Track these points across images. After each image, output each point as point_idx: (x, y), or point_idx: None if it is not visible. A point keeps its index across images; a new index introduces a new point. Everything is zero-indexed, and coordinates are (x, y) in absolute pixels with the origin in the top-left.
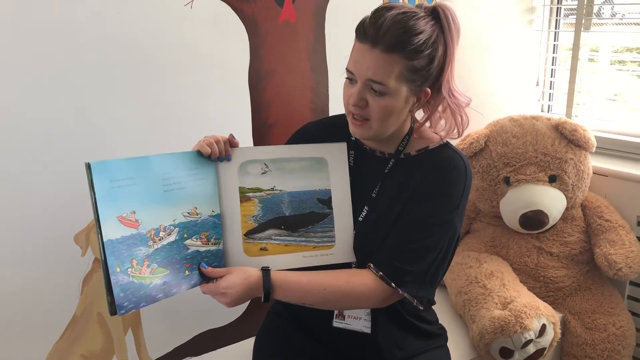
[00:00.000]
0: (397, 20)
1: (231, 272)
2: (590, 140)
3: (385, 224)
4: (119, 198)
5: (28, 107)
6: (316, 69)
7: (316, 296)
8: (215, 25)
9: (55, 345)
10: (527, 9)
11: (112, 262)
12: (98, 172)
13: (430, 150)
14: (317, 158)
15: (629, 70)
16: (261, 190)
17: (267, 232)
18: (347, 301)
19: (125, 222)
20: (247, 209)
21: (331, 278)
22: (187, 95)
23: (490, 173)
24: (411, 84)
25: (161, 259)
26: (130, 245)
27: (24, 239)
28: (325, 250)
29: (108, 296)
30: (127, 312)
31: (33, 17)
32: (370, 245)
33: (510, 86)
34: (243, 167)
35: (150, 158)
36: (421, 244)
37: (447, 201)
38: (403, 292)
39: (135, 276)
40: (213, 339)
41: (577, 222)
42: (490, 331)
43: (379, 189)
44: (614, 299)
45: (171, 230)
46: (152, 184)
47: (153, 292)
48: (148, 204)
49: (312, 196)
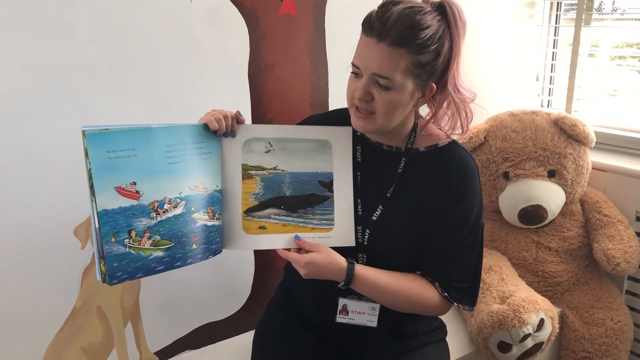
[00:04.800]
0: (403, 15)
1: (319, 250)
2: (589, 135)
3: (401, 224)
4: (117, 169)
5: (27, 99)
6: (316, 62)
7: (388, 298)
8: (215, 19)
9: (54, 338)
10: (527, 4)
11: (106, 231)
12: (93, 142)
13: (440, 148)
14: (322, 140)
15: (629, 65)
16: (264, 168)
17: (267, 210)
18: (413, 309)
19: (124, 193)
20: (249, 187)
21: (405, 286)
22: (186, 88)
23: (489, 168)
24: (417, 79)
25: (165, 231)
26: (129, 216)
27: (24, 232)
28: (323, 233)
29: (101, 265)
30: (121, 282)
31: (31, 10)
32: (385, 245)
33: (510, 81)
34: (247, 145)
35: (153, 129)
36: (468, 257)
37: (473, 205)
38: (463, 307)
39: (133, 247)
40: (212, 332)
41: (576, 217)
42: (488, 325)
43: (393, 189)
44: (612, 293)
45: (177, 203)
46: (154, 156)
47: (152, 264)
48: (150, 175)
49: (314, 178)
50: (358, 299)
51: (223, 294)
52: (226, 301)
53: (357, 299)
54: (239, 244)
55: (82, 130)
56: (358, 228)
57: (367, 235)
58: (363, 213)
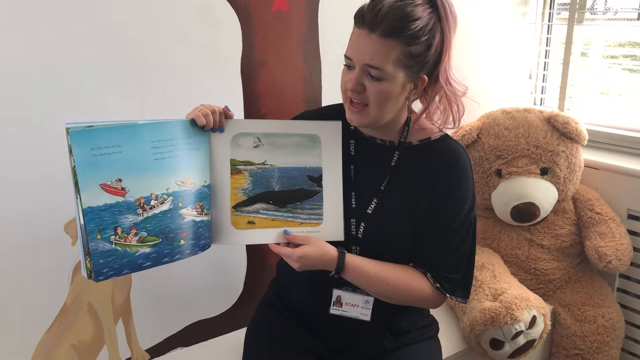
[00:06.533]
0: (394, 7)
1: (310, 243)
2: (582, 133)
3: (396, 217)
4: (102, 166)
5: (16, 97)
6: (309, 59)
7: (378, 288)
8: (207, 15)
9: (44, 335)
10: (520, 2)
11: (92, 228)
12: (77, 139)
13: (432, 142)
14: (311, 135)
15: (621, 64)
16: (252, 163)
17: (256, 205)
18: (405, 300)
19: (109, 190)
20: (237, 182)
21: (395, 276)
22: (178, 84)
23: (482, 165)
24: (408, 70)
25: (152, 228)
26: (115, 213)
27: (14, 229)
28: (312, 228)
29: (87, 262)
30: (107, 279)
31: (22, 7)
32: (380, 237)
33: (503, 79)
34: (235, 140)
35: (139, 125)
36: (459, 249)
37: (466, 197)
38: (456, 299)
39: (119, 244)
40: (204, 330)
41: (568, 215)
42: (480, 322)
43: (387, 182)
44: (604, 291)
45: (164, 198)
46: (140, 152)
47: (139, 261)
48: (136, 172)
49: (303, 173)
50: (352, 291)
51: (215, 291)
52: (218, 298)
53: (352, 291)
54: (228, 239)
55: (65, 127)
56: (352, 221)
57: (362, 228)
58: (357, 206)
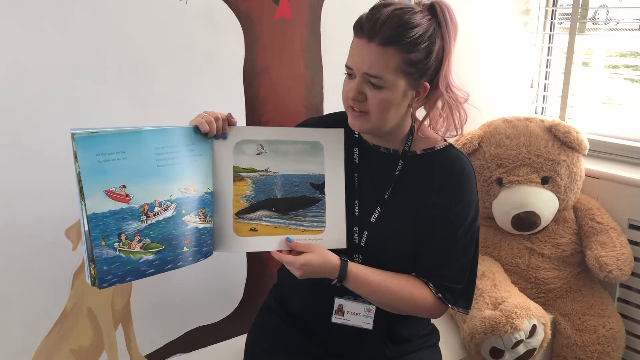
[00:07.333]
0: (392, 15)
1: (312, 250)
2: (583, 142)
3: (399, 226)
4: (107, 172)
5: (19, 98)
6: (311, 66)
7: (380, 297)
8: (210, 22)
9: (44, 340)
10: (522, 11)
11: (96, 235)
12: (82, 145)
13: (436, 151)
14: (313, 142)
15: (622, 74)
16: (255, 170)
17: (258, 212)
18: (406, 309)
19: (113, 196)
20: (240, 189)
21: (398, 285)
22: (181, 91)
23: (483, 174)
24: (409, 77)
25: (156, 234)
26: (119, 219)
27: (15, 233)
28: (314, 235)
29: (91, 268)
30: (111, 286)
31: (24, 11)
32: (383, 246)
33: (505, 87)
34: (238, 147)
35: (143, 132)
36: (462, 259)
37: (469, 207)
38: (458, 309)
39: (123, 250)
40: (204, 336)
41: (568, 224)
42: (481, 331)
43: (391, 191)
44: (605, 301)
45: (167, 205)
46: (144, 159)
47: (143, 267)
48: (140, 178)
49: (305, 180)
50: (354, 299)
51: (215, 297)
52: (218, 304)
53: (353, 299)
54: (230, 247)
55: (71, 133)
56: (355, 229)
57: (365, 236)
58: (361, 215)
